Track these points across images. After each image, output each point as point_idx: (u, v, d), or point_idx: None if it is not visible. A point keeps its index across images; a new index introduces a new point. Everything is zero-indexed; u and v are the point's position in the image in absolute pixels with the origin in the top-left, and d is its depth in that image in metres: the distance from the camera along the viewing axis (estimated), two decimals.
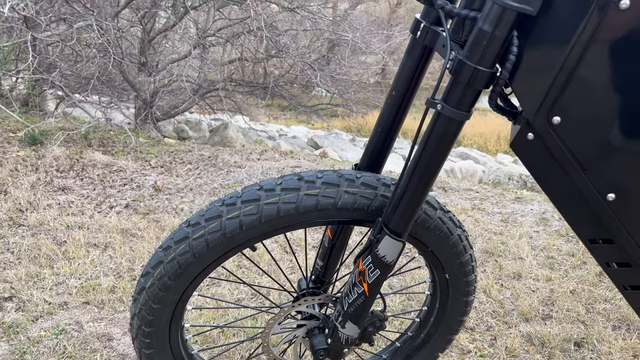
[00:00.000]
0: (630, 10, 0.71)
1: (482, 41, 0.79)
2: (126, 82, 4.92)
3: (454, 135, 0.89)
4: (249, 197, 1.00)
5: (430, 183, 0.96)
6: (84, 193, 3.12)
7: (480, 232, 2.63)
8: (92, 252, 2.35)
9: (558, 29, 0.77)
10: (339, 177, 1.03)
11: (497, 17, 0.77)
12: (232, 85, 5.86)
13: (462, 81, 0.83)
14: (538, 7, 0.76)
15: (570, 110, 0.80)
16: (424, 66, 1.01)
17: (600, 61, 0.75)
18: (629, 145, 0.80)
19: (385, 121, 1.09)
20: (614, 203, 0.84)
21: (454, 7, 0.84)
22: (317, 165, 3.98)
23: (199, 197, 3.16)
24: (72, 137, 4.05)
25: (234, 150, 4.44)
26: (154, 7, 4.43)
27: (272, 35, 4.74)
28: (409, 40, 1.00)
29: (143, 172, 3.59)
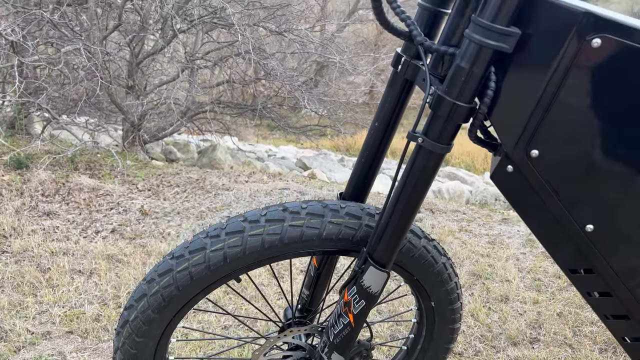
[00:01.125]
0: (602, 49, 0.73)
1: (460, 77, 0.81)
2: (114, 105, 4.91)
3: (435, 168, 0.91)
4: (233, 229, 1.00)
5: (414, 214, 0.97)
6: (69, 218, 3.09)
7: (468, 254, 2.64)
8: (76, 279, 2.32)
9: (534, 66, 0.79)
10: (323, 208, 1.04)
11: (475, 54, 0.79)
12: (221, 107, 5.88)
13: (442, 115, 0.84)
14: (514, 45, 0.78)
15: (548, 144, 0.81)
16: (405, 99, 1.03)
17: (574, 97, 0.77)
18: (604, 177, 0.82)
19: (368, 151, 1.11)
20: (593, 234, 0.85)
21: (433, 43, 0.86)
22: (305, 187, 3.98)
23: (186, 220, 3.14)
24: (58, 160, 4.02)
25: (222, 172, 4.44)
26: (142, 31, 4.46)
27: (260, 59, 4.78)
28: (391, 73, 1.02)
29: (130, 195, 3.57)
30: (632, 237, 0.85)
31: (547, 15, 0.76)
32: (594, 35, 0.73)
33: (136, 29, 4.79)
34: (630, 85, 0.75)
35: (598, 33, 0.73)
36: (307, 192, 3.72)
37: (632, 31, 0.72)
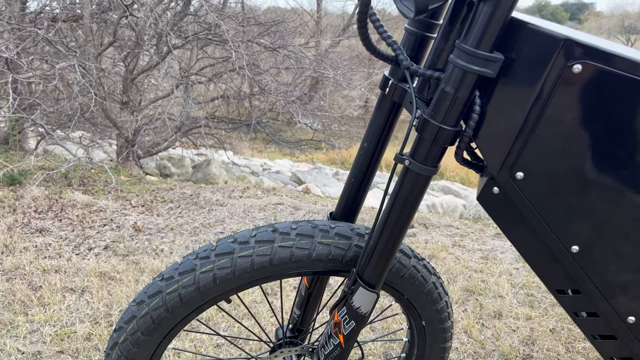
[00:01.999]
0: (583, 74, 0.75)
1: (445, 101, 0.83)
2: (108, 120, 4.92)
3: (422, 189, 0.92)
4: (222, 250, 1.01)
5: (402, 234, 0.97)
6: (62, 235, 3.07)
7: (461, 270, 2.65)
8: (68, 298, 2.30)
9: (517, 90, 0.80)
10: (313, 228, 1.04)
11: (459, 79, 0.80)
12: (215, 122, 5.89)
13: (428, 139, 0.86)
14: (497, 70, 0.80)
15: (532, 167, 0.83)
16: (394, 120, 1.04)
17: (557, 121, 0.78)
18: (588, 199, 0.83)
19: (358, 172, 1.12)
20: (578, 255, 0.86)
21: (419, 67, 0.88)
22: (299, 202, 3.99)
23: (180, 237, 3.14)
24: (51, 176, 4.01)
25: (216, 187, 4.44)
26: (137, 47, 4.48)
27: (254, 74, 4.81)
28: (379, 95, 1.04)
29: (123, 211, 3.56)
30: (617, 258, 0.86)
31: (529, 41, 0.78)
32: (575, 62, 0.74)
33: (131, 45, 4.82)
34: (611, 109, 0.77)
35: (578, 59, 0.74)
36: (301, 207, 3.72)
37: (611, 57, 0.74)
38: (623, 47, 0.93)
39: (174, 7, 5.54)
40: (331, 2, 16.14)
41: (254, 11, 7.22)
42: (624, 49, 0.85)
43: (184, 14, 5.37)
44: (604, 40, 0.94)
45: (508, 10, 0.76)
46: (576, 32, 0.93)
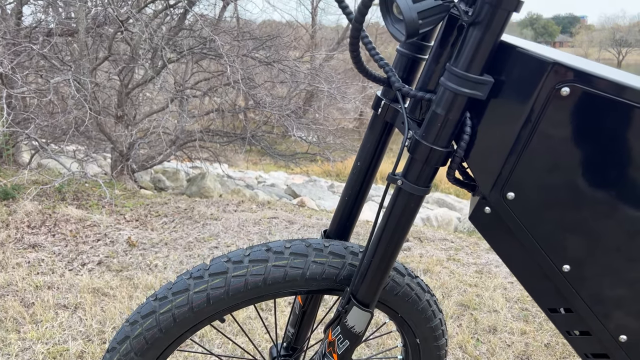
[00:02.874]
0: (571, 97, 0.76)
1: (436, 123, 0.84)
2: (103, 134, 4.92)
3: (414, 209, 0.92)
4: (216, 270, 1.01)
5: (395, 253, 0.98)
6: (55, 250, 3.06)
7: (456, 284, 2.65)
8: (61, 314, 2.28)
9: (507, 112, 0.81)
10: (306, 247, 1.04)
11: (450, 101, 0.82)
12: (210, 136, 5.90)
13: (420, 159, 0.86)
14: (487, 92, 0.81)
15: (523, 187, 0.83)
16: (386, 140, 1.05)
17: (546, 143, 0.80)
18: (578, 219, 0.84)
19: (351, 190, 1.12)
20: (570, 274, 0.87)
21: (411, 89, 0.89)
22: (294, 215, 3.99)
23: (174, 252, 3.13)
24: (45, 191, 4.00)
25: (211, 201, 4.43)
26: (132, 61, 4.50)
27: (249, 89, 4.83)
28: (371, 115, 1.05)
29: (117, 226, 3.54)
30: (608, 277, 0.86)
31: (519, 64, 0.79)
32: (563, 84, 0.76)
33: (126, 59, 4.84)
34: (598, 130, 0.78)
35: (566, 82, 0.76)
36: (295, 221, 3.72)
37: (597, 80, 0.75)
38: (610, 69, 0.95)
39: (169, 21, 5.57)
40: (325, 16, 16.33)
41: (249, 25, 7.28)
42: (610, 71, 0.87)
43: (179, 29, 5.40)
44: (591, 63, 0.96)
45: (497, 34, 0.77)
46: (564, 55, 0.95)
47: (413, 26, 0.79)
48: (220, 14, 6.39)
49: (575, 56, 1.01)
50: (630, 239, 0.84)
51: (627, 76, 0.91)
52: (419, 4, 0.79)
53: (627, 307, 0.88)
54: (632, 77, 0.92)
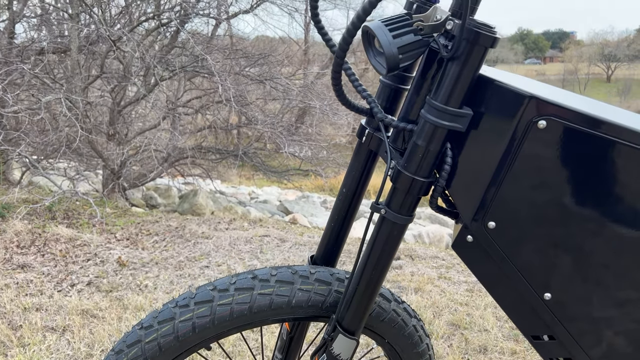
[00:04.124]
0: (547, 130, 0.78)
1: (417, 154, 0.85)
2: (94, 152, 4.91)
3: (398, 237, 0.93)
4: (202, 298, 1.01)
5: (380, 280, 0.99)
6: (44, 270, 3.03)
7: (447, 303, 2.65)
8: (48, 337, 2.26)
9: (486, 143, 0.83)
10: (292, 274, 1.05)
11: (430, 133, 0.83)
12: (202, 153, 5.91)
13: (402, 189, 0.88)
14: (466, 125, 0.83)
15: (503, 217, 0.85)
16: (371, 167, 1.07)
17: (525, 174, 0.81)
18: (557, 248, 0.85)
19: (337, 216, 1.13)
20: (551, 302, 0.88)
21: (393, 119, 0.90)
22: (285, 233, 3.99)
23: (164, 271, 3.11)
24: (35, 209, 3.98)
25: (202, 219, 4.42)
26: (124, 80, 4.52)
27: (241, 106, 4.86)
28: (356, 143, 1.06)
29: (108, 245, 3.53)
30: (589, 305, 0.88)
31: (497, 97, 0.81)
32: (540, 118, 0.78)
33: (118, 77, 4.86)
34: (575, 162, 0.80)
35: (543, 116, 0.77)
36: (287, 239, 3.72)
37: (573, 114, 0.77)
38: (587, 100, 0.97)
39: (161, 39, 5.61)
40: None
41: (242, 42, 7.34)
42: (586, 103, 0.89)
43: (172, 46, 5.44)
44: (568, 95, 0.98)
45: (475, 69, 0.79)
46: (541, 87, 0.97)
47: (393, 61, 0.81)
48: (212, 32, 6.44)
49: (554, 88, 1.04)
50: (609, 267, 0.85)
51: (602, 108, 0.93)
52: (399, 39, 0.81)
53: (609, 335, 0.89)
54: (606, 109, 0.95)
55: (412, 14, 0.84)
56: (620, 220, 0.82)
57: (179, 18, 4.64)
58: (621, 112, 0.98)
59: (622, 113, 0.95)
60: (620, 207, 0.81)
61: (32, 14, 5.39)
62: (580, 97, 1.01)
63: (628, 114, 1.00)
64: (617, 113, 0.92)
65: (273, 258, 3.30)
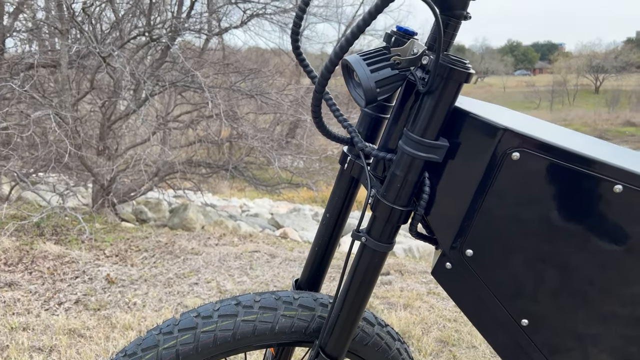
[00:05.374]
0: (521, 161, 0.80)
1: (396, 184, 0.87)
2: (84, 167, 4.90)
3: (379, 264, 0.95)
4: (185, 325, 1.01)
5: (362, 307, 1.00)
6: (31, 289, 3.01)
7: (435, 319, 2.66)
8: (35, 358, 2.24)
9: (462, 173, 0.85)
10: (276, 300, 1.06)
11: (408, 164, 0.85)
12: (193, 167, 5.91)
13: (381, 217, 0.89)
14: (443, 155, 0.85)
15: (480, 245, 0.87)
16: (353, 193, 1.08)
17: (500, 203, 0.83)
18: (533, 275, 0.87)
19: (321, 240, 1.15)
20: (528, 328, 0.89)
21: (373, 148, 0.92)
22: (276, 248, 3.99)
23: (153, 288, 3.10)
24: (23, 225, 3.95)
25: (192, 234, 4.41)
26: (114, 95, 4.52)
27: (232, 121, 4.87)
28: (339, 170, 1.08)
29: (97, 262, 3.51)
30: (564, 331, 0.89)
31: (472, 129, 0.83)
32: (513, 150, 0.80)
33: (108, 92, 4.86)
34: (549, 193, 0.82)
35: (516, 148, 0.80)
36: (277, 254, 3.72)
37: (546, 146, 0.80)
38: (561, 131, 1.00)
39: (152, 53, 5.63)
40: (310, 45, 16.73)
41: (235, 54, 7.37)
42: (560, 135, 0.91)
43: (162, 61, 5.45)
44: (545, 126, 1.01)
45: (450, 103, 0.82)
46: (517, 118, 1.00)
47: (371, 94, 0.83)
48: (203, 46, 6.47)
49: (530, 118, 1.06)
50: (584, 294, 0.87)
51: (575, 139, 0.96)
52: (377, 74, 0.83)
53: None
54: (579, 140, 0.97)
55: (390, 47, 0.87)
56: (593, 249, 0.84)
57: (169, 34, 4.67)
58: (594, 142, 1.01)
59: (594, 143, 0.98)
60: (592, 236, 0.83)
61: (22, 28, 5.40)
62: (555, 128, 1.03)
63: (600, 143, 1.03)
64: (590, 144, 0.94)
65: (263, 274, 3.30)
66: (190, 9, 5.54)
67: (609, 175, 0.79)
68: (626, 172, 0.78)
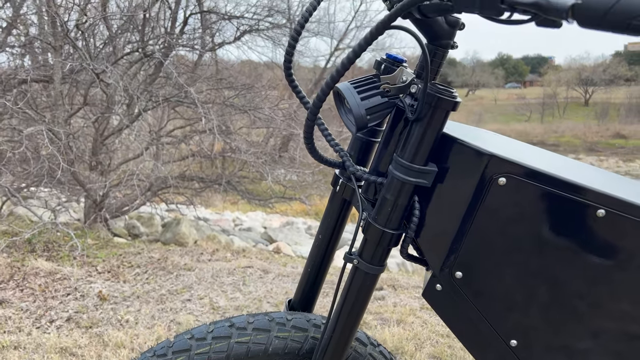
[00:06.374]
0: (507, 186, 0.83)
1: (386, 207, 0.89)
2: (77, 182, 4.88)
3: (371, 286, 0.96)
4: (179, 347, 1.02)
5: (355, 328, 1.01)
6: (23, 306, 2.99)
7: (428, 335, 2.67)
8: None
9: (451, 197, 0.87)
10: (269, 322, 1.07)
11: (398, 188, 0.87)
12: (186, 181, 5.91)
13: (373, 240, 0.91)
14: (432, 180, 0.87)
15: (469, 267, 0.89)
16: (345, 214, 1.10)
17: (487, 227, 0.85)
18: (521, 297, 0.89)
19: (314, 261, 1.16)
20: (517, 348, 0.91)
21: (365, 172, 0.94)
22: (269, 264, 3.98)
23: (146, 305, 3.08)
24: (15, 242, 3.93)
25: (185, 250, 4.40)
26: (107, 111, 4.53)
27: (225, 136, 4.89)
28: (331, 191, 1.10)
29: (89, 279, 3.49)
30: (553, 352, 0.91)
31: (459, 155, 0.86)
32: (499, 175, 0.82)
33: (102, 107, 4.87)
34: (534, 217, 0.84)
35: (502, 173, 0.82)
36: (270, 270, 3.72)
37: (531, 172, 0.82)
38: (547, 156, 1.03)
39: (146, 68, 5.65)
40: (303, 58, 16.89)
41: (228, 69, 7.40)
42: (545, 160, 0.94)
43: (156, 76, 5.48)
44: (531, 151, 1.04)
45: (438, 130, 0.84)
46: (504, 143, 1.03)
47: (362, 121, 0.85)
48: (197, 61, 6.51)
49: (517, 143, 1.09)
50: (572, 315, 0.89)
51: (561, 163, 0.99)
52: (367, 101, 0.85)
53: None
54: (565, 164, 1.00)
55: (380, 75, 0.90)
56: (579, 272, 0.86)
57: (162, 50, 4.70)
58: (578, 166, 1.03)
59: (578, 167, 1.01)
60: (578, 258, 0.85)
61: (15, 43, 5.41)
62: (541, 152, 1.06)
63: (584, 167, 1.06)
64: (574, 168, 0.97)
65: (256, 290, 3.29)
66: (183, 24, 5.59)
67: (592, 199, 0.81)
68: (608, 197, 0.81)
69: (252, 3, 7.01)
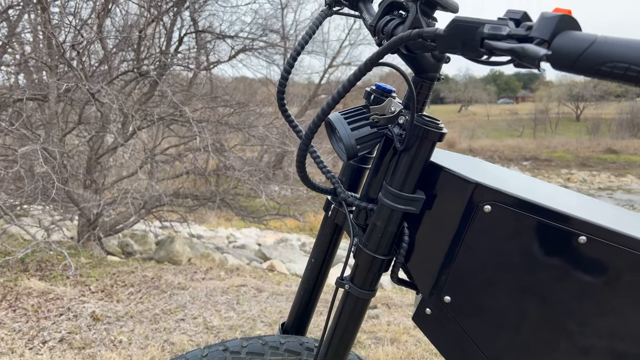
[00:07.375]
0: (492, 214, 0.86)
1: (377, 234, 0.92)
2: (70, 201, 4.88)
3: (362, 311, 0.98)
4: None
5: (347, 351, 1.03)
6: (15, 327, 2.97)
7: (422, 354, 2.68)
8: None
9: (438, 224, 0.90)
10: (263, 345, 1.09)
11: (387, 215, 0.90)
12: (180, 199, 5.91)
13: (364, 266, 0.94)
14: (420, 207, 0.90)
15: (458, 292, 0.91)
16: (337, 239, 1.13)
17: (474, 253, 0.88)
18: (509, 321, 0.91)
19: (307, 285, 1.18)
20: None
21: (355, 198, 0.97)
22: (263, 282, 3.98)
23: (139, 325, 3.07)
24: (7, 261, 3.91)
25: (179, 268, 4.39)
26: (102, 130, 4.55)
27: (219, 154, 4.92)
28: (323, 216, 1.12)
29: (82, 298, 3.47)
30: None
31: (446, 183, 0.89)
32: (485, 203, 0.85)
33: (96, 126, 4.89)
34: (519, 244, 0.87)
35: (487, 201, 0.85)
36: (264, 288, 3.72)
37: (515, 200, 0.85)
38: (533, 184, 1.06)
39: (140, 87, 5.69)
40: (297, 74, 17.07)
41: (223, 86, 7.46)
42: (531, 188, 0.97)
43: (150, 95, 5.52)
44: (517, 177, 1.07)
45: (425, 159, 0.87)
46: (491, 171, 1.06)
47: (352, 151, 0.88)
48: (192, 79, 6.56)
49: (503, 170, 1.13)
50: (556, 338, 0.92)
51: (544, 190, 1.02)
52: (356, 132, 0.89)
53: None
54: (548, 191, 1.03)
55: (370, 105, 0.93)
56: (564, 296, 0.88)
57: (157, 70, 4.75)
58: (561, 192, 1.07)
59: (561, 194, 1.04)
60: (561, 284, 0.88)
61: (10, 62, 5.44)
62: (526, 180, 1.09)
63: (567, 193, 1.09)
64: (557, 195, 1.00)
65: (250, 309, 3.29)
66: (178, 44, 5.65)
67: (574, 227, 0.84)
68: (589, 224, 0.84)
69: (247, 22, 7.09)
